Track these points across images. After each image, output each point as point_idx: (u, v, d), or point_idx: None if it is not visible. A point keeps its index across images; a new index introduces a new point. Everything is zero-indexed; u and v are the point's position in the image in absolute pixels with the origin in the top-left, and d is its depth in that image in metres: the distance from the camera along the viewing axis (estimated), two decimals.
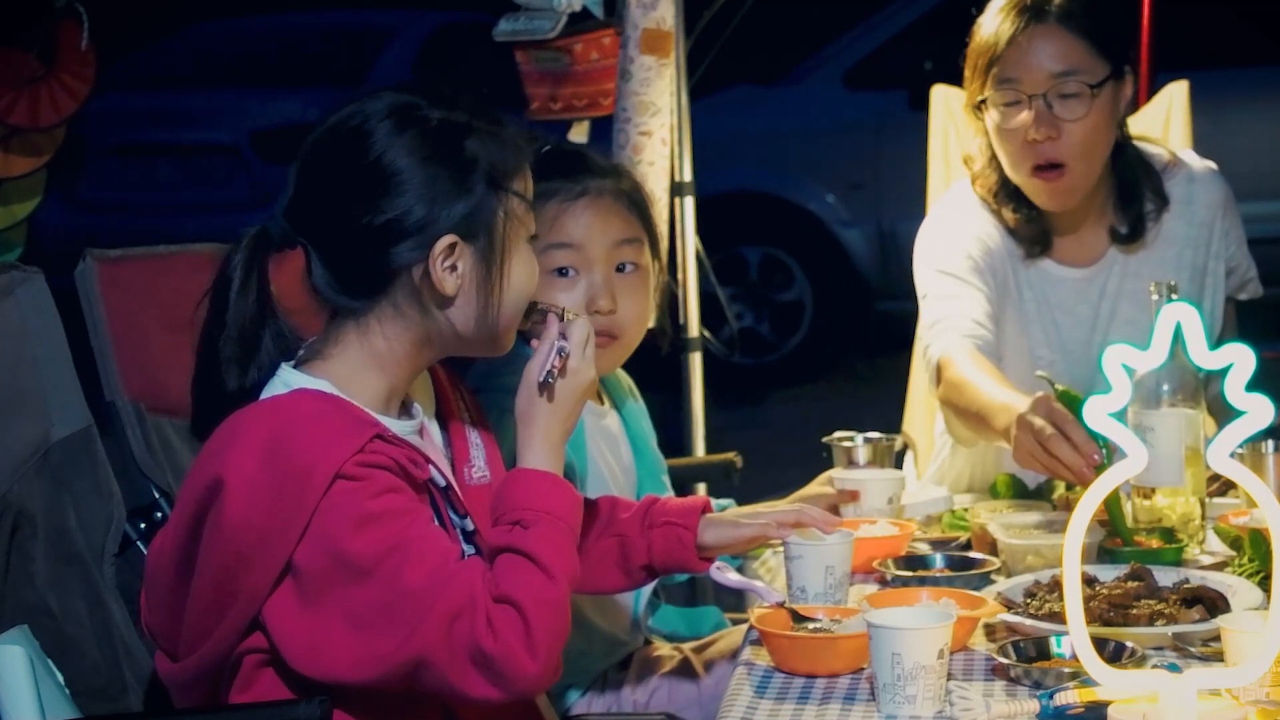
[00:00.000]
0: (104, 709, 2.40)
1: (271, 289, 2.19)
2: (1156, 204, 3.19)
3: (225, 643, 2.10)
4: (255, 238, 2.19)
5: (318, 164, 2.20)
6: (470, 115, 2.18)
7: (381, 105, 2.16)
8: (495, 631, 2.03)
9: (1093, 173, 3.09)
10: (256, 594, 2.06)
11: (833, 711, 2.13)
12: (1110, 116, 3.08)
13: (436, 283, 2.14)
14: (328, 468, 2.03)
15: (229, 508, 2.04)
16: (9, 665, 2.14)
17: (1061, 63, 3.03)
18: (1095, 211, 3.19)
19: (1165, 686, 1.92)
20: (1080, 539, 1.92)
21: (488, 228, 2.15)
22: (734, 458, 3.56)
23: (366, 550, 2.03)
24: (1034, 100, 3.03)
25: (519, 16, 3.97)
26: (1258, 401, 1.91)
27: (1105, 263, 3.20)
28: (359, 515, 2.04)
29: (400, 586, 2.03)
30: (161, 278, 2.61)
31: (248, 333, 2.17)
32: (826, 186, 8.53)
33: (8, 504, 2.41)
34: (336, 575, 2.03)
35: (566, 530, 2.13)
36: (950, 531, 2.87)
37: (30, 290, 2.49)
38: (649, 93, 3.93)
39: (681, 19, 4.02)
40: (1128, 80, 3.11)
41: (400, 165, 2.13)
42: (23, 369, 2.47)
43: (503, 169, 2.17)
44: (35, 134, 3.76)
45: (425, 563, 2.04)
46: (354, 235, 2.15)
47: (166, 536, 2.14)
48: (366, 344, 2.17)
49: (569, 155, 2.82)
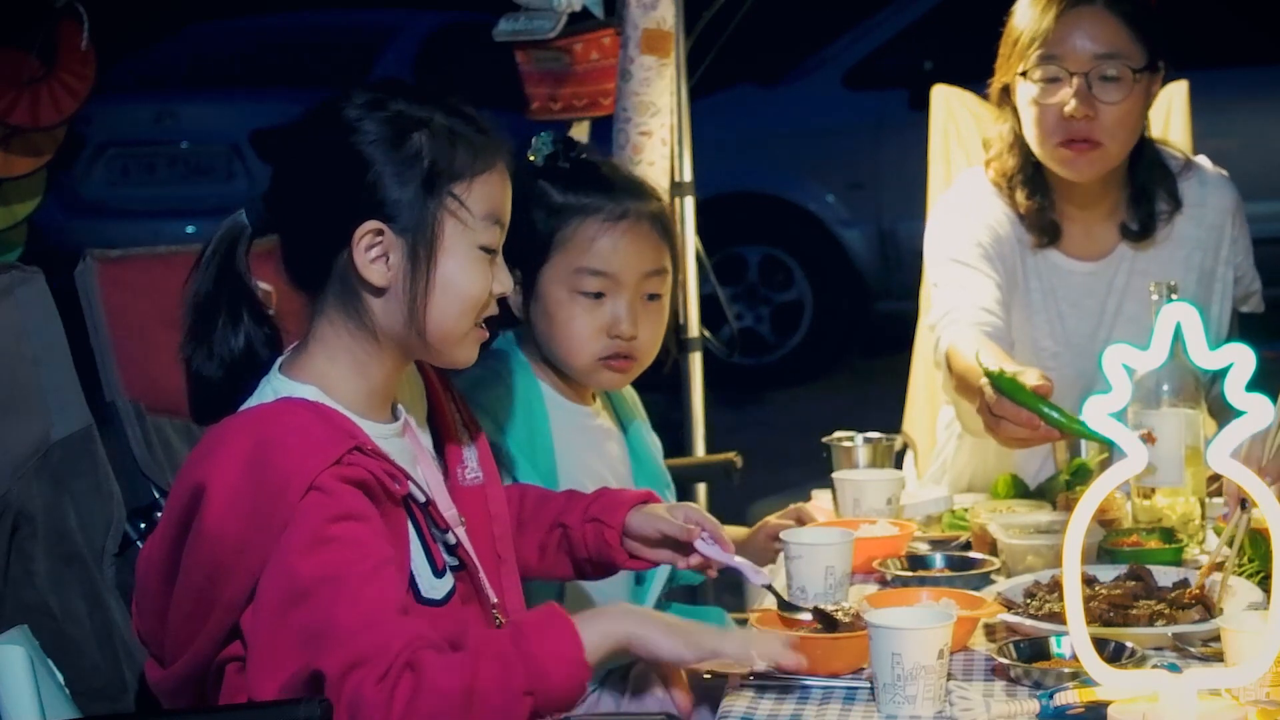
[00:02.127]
0: (104, 709, 2.40)
1: (246, 277, 2.19)
2: (1169, 205, 3.20)
3: (205, 651, 2.09)
4: (231, 222, 2.20)
5: (290, 143, 2.22)
6: (437, 114, 2.17)
7: (357, 94, 2.18)
8: (384, 685, 1.97)
9: (1120, 155, 3.11)
10: (234, 603, 2.05)
11: (833, 711, 2.13)
12: (1144, 105, 3.11)
13: (361, 270, 2.14)
14: (304, 479, 2.03)
15: (209, 516, 2.04)
16: (9, 665, 2.14)
17: (1105, 45, 3.06)
18: (1107, 206, 3.19)
19: (1165, 686, 1.92)
20: (1080, 539, 1.92)
21: (419, 224, 2.14)
22: (734, 458, 3.56)
23: (311, 573, 2.01)
24: (1075, 78, 3.05)
25: (519, 16, 3.97)
26: (1258, 401, 1.91)
27: (1114, 258, 3.20)
28: (315, 536, 2.02)
29: (328, 617, 2.00)
30: (161, 278, 2.61)
31: (203, 310, 2.18)
32: (826, 186, 8.53)
33: (8, 504, 2.42)
34: (282, 590, 2.02)
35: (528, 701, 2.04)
36: (950, 531, 2.87)
37: (30, 290, 2.49)
38: (649, 93, 3.92)
39: (681, 19, 4.02)
40: (1160, 75, 3.13)
41: (350, 146, 2.14)
42: (23, 369, 2.47)
43: (447, 170, 2.15)
44: (35, 134, 3.76)
45: (359, 603, 2.01)
46: (302, 215, 2.18)
47: (154, 542, 2.14)
48: (332, 340, 2.17)
49: (607, 169, 2.83)
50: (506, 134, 2.23)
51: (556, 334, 2.75)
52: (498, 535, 2.35)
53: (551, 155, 2.76)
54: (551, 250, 2.72)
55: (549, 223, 2.72)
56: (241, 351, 2.18)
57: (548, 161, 2.76)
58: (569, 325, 2.73)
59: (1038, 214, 3.17)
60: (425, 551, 2.17)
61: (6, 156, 3.76)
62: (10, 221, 3.82)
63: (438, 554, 2.19)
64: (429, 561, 2.17)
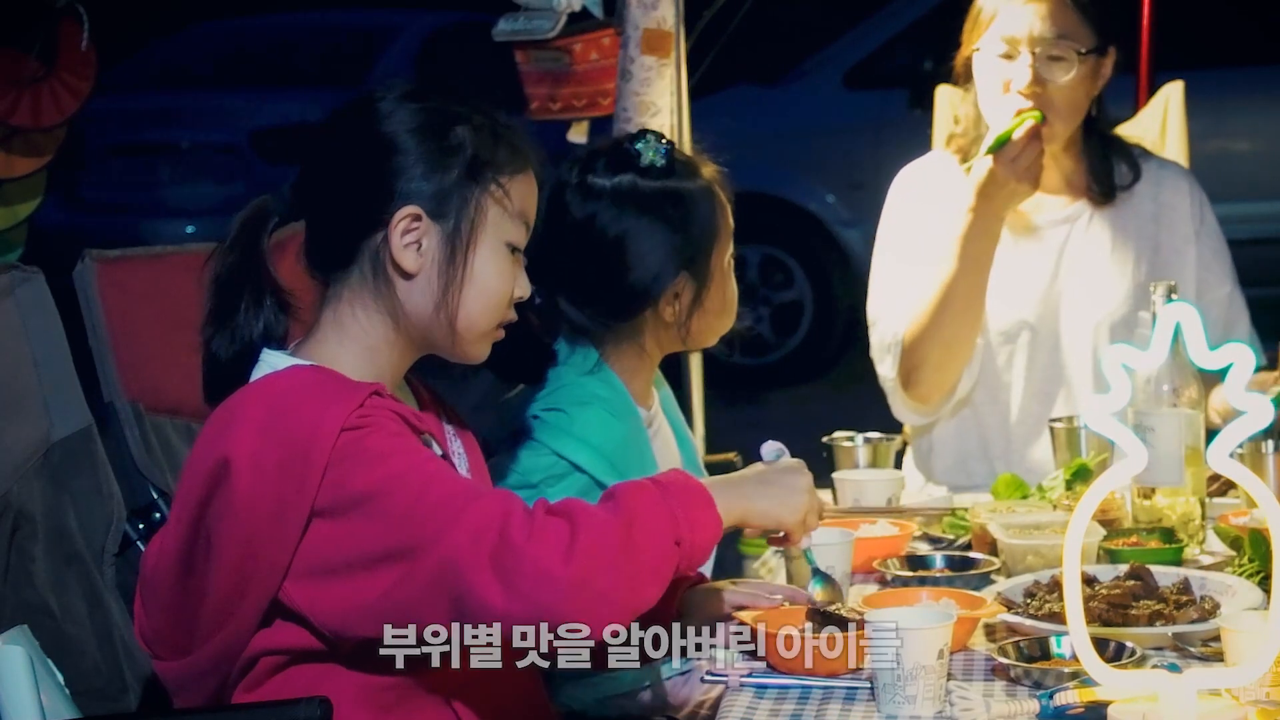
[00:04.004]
0: (104, 709, 2.40)
1: (268, 263, 2.19)
2: (1130, 174, 3.34)
3: (242, 631, 2.07)
4: (258, 204, 2.22)
5: (325, 134, 2.24)
6: (476, 113, 2.20)
7: (396, 83, 2.21)
8: (533, 533, 1.96)
9: (1064, 132, 3.27)
10: (275, 569, 2.03)
11: (833, 711, 2.12)
12: (1090, 86, 3.27)
13: (396, 254, 2.15)
14: (331, 426, 2.02)
15: (238, 486, 2.03)
16: (9, 665, 2.14)
17: (1055, 27, 3.22)
18: (1066, 171, 3.33)
19: (1165, 686, 1.92)
20: (1080, 539, 1.92)
21: (458, 212, 2.16)
22: (734, 458, 3.55)
23: (385, 479, 2.01)
24: (1026, 56, 3.21)
25: (519, 16, 3.96)
26: (1258, 401, 1.91)
27: (1072, 216, 3.33)
28: (372, 454, 2.02)
29: (425, 498, 2.00)
30: (161, 278, 2.62)
31: (225, 289, 2.18)
32: (826, 186, 8.52)
33: (8, 504, 2.42)
34: (358, 517, 2.01)
35: (677, 552, 2.06)
36: (950, 531, 2.87)
37: (30, 290, 2.49)
38: (649, 93, 3.92)
39: (681, 19, 4.02)
40: (1110, 58, 3.28)
41: (388, 135, 2.16)
42: (23, 369, 2.47)
43: (488, 162, 2.18)
44: (36, 134, 3.77)
45: (446, 484, 2.02)
46: (334, 199, 2.19)
47: (167, 535, 2.13)
48: (345, 323, 2.18)
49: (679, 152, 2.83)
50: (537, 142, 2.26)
51: (725, 305, 2.79)
52: None
53: (668, 153, 2.76)
54: (719, 231, 2.75)
55: (710, 216, 2.74)
56: (259, 336, 2.18)
57: (668, 158, 2.76)
58: (732, 291, 2.79)
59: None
60: None
61: (7, 156, 3.76)
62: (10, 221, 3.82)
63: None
64: None
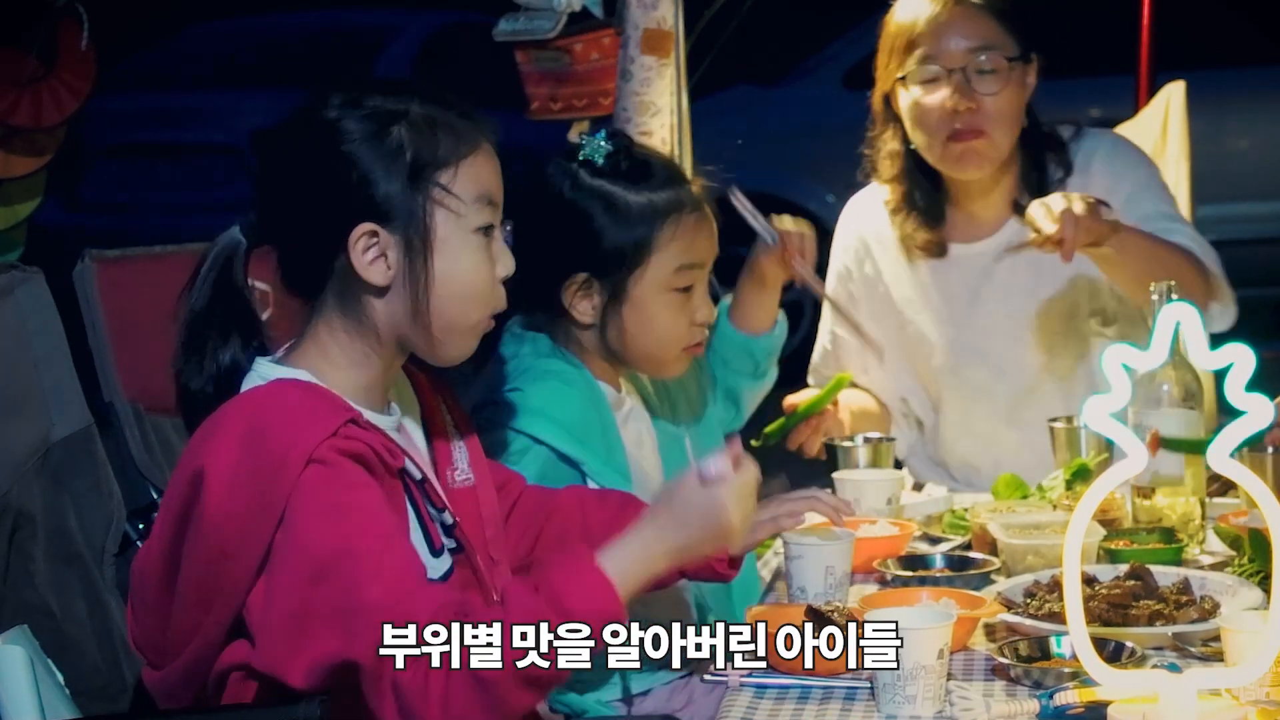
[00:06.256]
0: (104, 709, 2.40)
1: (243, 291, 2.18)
2: (1062, 170, 3.29)
3: (208, 645, 2.07)
4: (227, 238, 2.19)
5: (274, 154, 2.20)
6: (413, 104, 2.15)
7: (332, 95, 2.16)
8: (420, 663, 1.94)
9: (1005, 144, 3.22)
10: (238, 587, 2.02)
11: (833, 711, 2.13)
12: (1021, 94, 3.22)
13: (362, 272, 2.12)
14: (301, 452, 2.01)
15: (209, 500, 2.02)
16: (9, 665, 2.14)
17: (977, 39, 3.18)
18: (1000, 192, 3.29)
19: (1165, 686, 1.92)
20: (1080, 539, 1.92)
21: (410, 218, 2.12)
22: None
23: (328, 547, 1.99)
24: (953, 75, 3.17)
25: (519, 16, 3.96)
26: (1258, 401, 1.91)
27: (1004, 232, 3.29)
28: (324, 508, 2.00)
29: (354, 596, 1.98)
30: (161, 278, 2.61)
31: (195, 327, 2.17)
32: (826, 186, 8.52)
33: (8, 504, 2.42)
34: (300, 568, 2.00)
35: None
36: (950, 531, 2.87)
37: (30, 290, 2.49)
38: (649, 93, 3.92)
39: (681, 19, 4.02)
40: (1034, 65, 3.24)
41: (331, 152, 2.12)
42: (23, 369, 2.47)
43: (429, 162, 2.13)
44: (36, 134, 3.77)
45: (382, 576, 1.99)
46: (291, 226, 2.16)
47: (152, 540, 2.13)
48: (325, 342, 2.17)
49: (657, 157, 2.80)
50: (486, 114, 2.20)
51: (650, 334, 2.68)
52: (490, 538, 2.33)
53: (613, 154, 2.68)
54: (651, 254, 2.66)
55: (638, 229, 2.65)
56: (227, 368, 2.16)
57: (608, 162, 2.68)
58: (663, 324, 2.68)
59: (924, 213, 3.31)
60: (422, 530, 2.16)
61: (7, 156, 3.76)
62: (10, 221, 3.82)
63: (435, 533, 2.18)
64: (426, 540, 2.16)
